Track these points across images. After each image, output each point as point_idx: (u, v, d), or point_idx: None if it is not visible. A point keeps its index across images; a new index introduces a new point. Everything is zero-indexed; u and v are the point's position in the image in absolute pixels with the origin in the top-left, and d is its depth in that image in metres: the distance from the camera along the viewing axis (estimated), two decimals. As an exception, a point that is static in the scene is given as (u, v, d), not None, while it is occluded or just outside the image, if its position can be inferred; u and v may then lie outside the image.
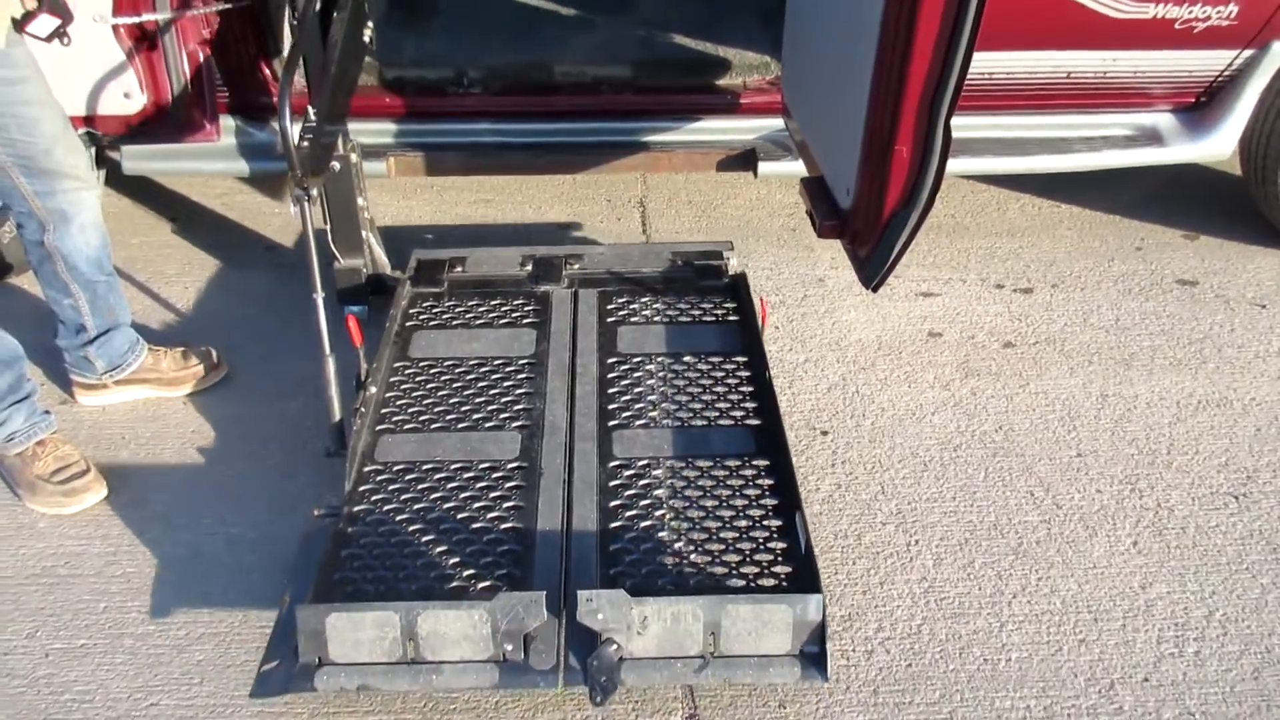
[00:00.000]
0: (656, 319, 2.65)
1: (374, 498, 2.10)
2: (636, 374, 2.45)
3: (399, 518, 2.06)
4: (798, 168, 2.91)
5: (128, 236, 3.31)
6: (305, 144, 2.13)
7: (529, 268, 2.81)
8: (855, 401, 2.70)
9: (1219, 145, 3.04)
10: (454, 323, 2.65)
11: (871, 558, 2.24)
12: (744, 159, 3.08)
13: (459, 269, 2.82)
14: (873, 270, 2.18)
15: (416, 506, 2.08)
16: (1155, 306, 3.07)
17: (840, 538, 2.29)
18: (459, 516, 2.06)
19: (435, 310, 2.70)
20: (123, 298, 2.55)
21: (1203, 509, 2.36)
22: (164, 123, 2.73)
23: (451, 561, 1.95)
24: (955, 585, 2.17)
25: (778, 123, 3.07)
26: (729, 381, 2.43)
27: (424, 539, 2.01)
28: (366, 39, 2.47)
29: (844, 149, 2.22)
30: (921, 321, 3.02)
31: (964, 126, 3.07)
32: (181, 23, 2.64)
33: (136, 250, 3.26)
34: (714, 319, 2.66)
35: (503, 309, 2.69)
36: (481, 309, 2.69)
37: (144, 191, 3.57)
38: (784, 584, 1.89)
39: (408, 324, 2.64)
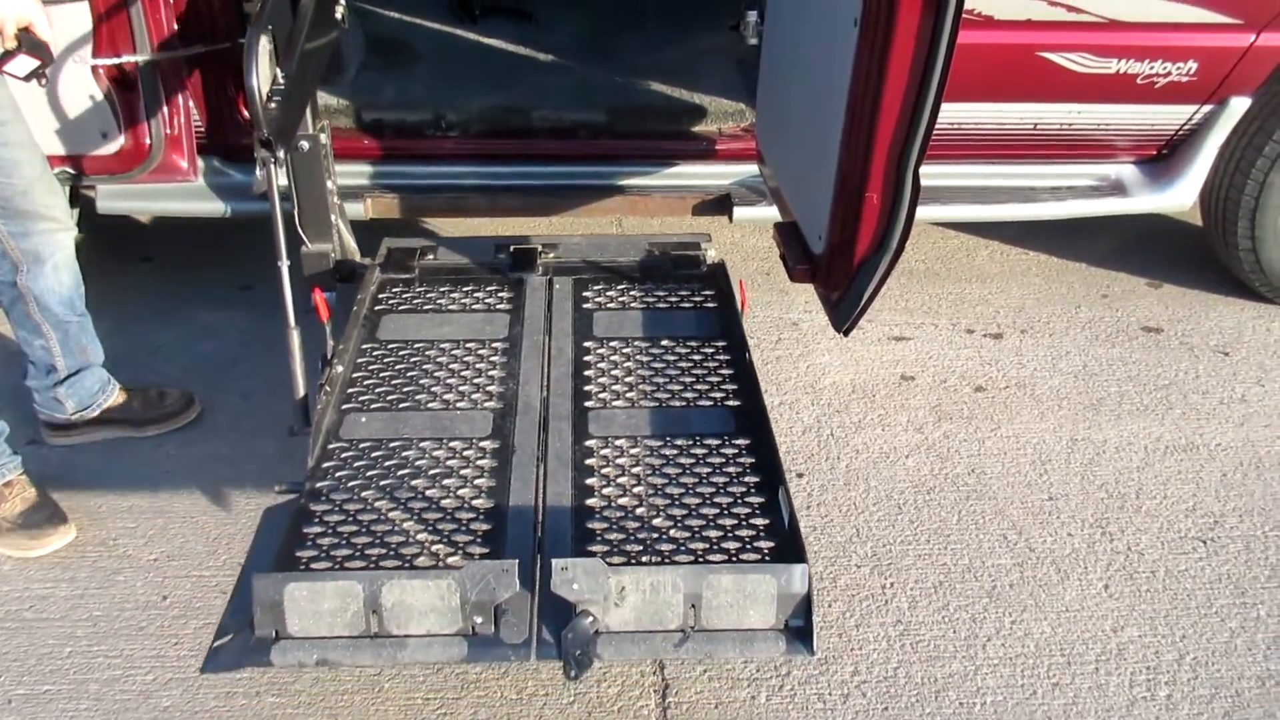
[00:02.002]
0: (634, 305, 2.61)
1: (339, 474, 2.03)
2: (613, 357, 2.40)
3: (364, 493, 1.98)
4: (772, 213, 2.95)
5: (101, 275, 3.27)
6: (273, 106, 2.09)
7: (503, 256, 2.79)
8: (830, 444, 2.72)
9: (1180, 196, 3.11)
10: (425, 307, 2.59)
11: (847, 600, 2.25)
12: (719, 203, 3.12)
13: (430, 257, 2.79)
14: (844, 314, 2.20)
15: (383, 482, 2.01)
16: (1122, 353, 3.13)
17: (816, 580, 2.30)
18: (428, 492, 1.99)
19: (405, 295, 2.64)
20: (95, 337, 2.53)
21: (1172, 553, 2.39)
22: (141, 163, 2.73)
23: (419, 536, 1.88)
24: (930, 628, 2.18)
25: (752, 168, 3.11)
26: (708, 364, 2.39)
27: (390, 514, 1.94)
28: (338, 16, 2.46)
29: (816, 195, 2.25)
30: (894, 365, 3.05)
31: (933, 175, 3.14)
32: (160, 64, 2.65)
33: (110, 289, 3.22)
34: (692, 305, 2.63)
35: (475, 294, 2.64)
36: (454, 294, 2.64)
37: (118, 230, 3.55)
38: (767, 559, 1.84)
39: (376, 308, 2.58)
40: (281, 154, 2.10)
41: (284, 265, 2.11)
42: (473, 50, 3.66)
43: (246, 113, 2.90)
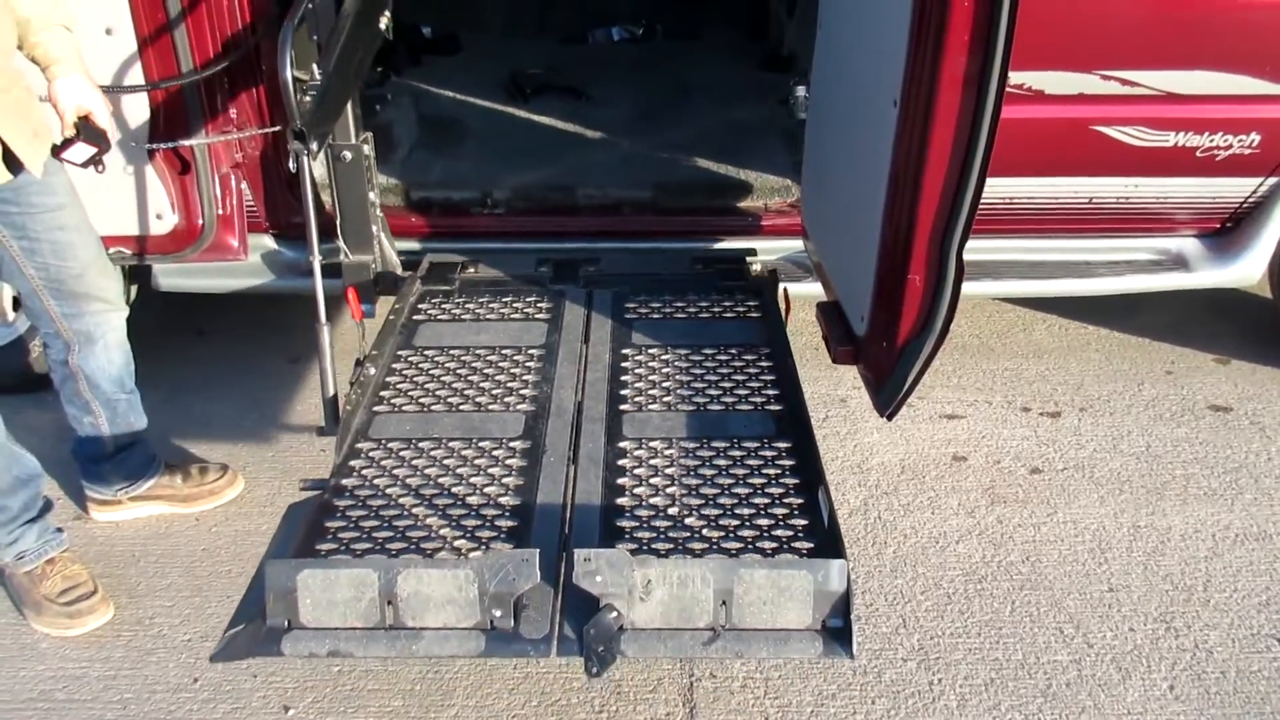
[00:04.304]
0: (676, 315, 2.60)
1: (364, 471, 2.01)
2: (652, 363, 2.37)
3: (389, 489, 1.96)
4: (819, 289, 2.90)
5: (155, 347, 3.34)
6: (307, 100, 2.11)
7: (544, 269, 2.80)
8: (877, 528, 2.63)
9: (1246, 270, 3.00)
10: (463, 316, 2.60)
11: (892, 697, 2.15)
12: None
13: (471, 270, 2.81)
14: (887, 398, 2.15)
15: (409, 480, 1.98)
16: (1188, 433, 2.99)
17: (859, 674, 2.20)
18: (454, 489, 1.95)
19: (444, 305, 2.64)
20: (142, 414, 2.57)
21: (1243, 652, 2.25)
22: (194, 242, 2.79)
23: (442, 531, 1.84)
24: (980, 730, 2.07)
25: (798, 244, 3.08)
26: (749, 370, 2.35)
27: (414, 509, 1.90)
28: (382, 26, 2.50)
29: (858, 276, 2.21)
30: (946, 445, 2.96)
31: (987, 249, 3.08)
32: (214, 146, 2.72)
33: (163, 361, 3.29)
34: (736, 315, 2.60)
35: (514, 305, 2.65)
36: (493, 304, 2.65)
37: (172, 303, 3.63)
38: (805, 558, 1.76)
39: (415, 317, 2.59)
40: (315, 147, 2.11)
41: (316, 261, 2.12)
42: (523, 128, 3.71)
43: (295, 195, 2.97)
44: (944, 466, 2.86)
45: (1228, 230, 3.07)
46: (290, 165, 2.12)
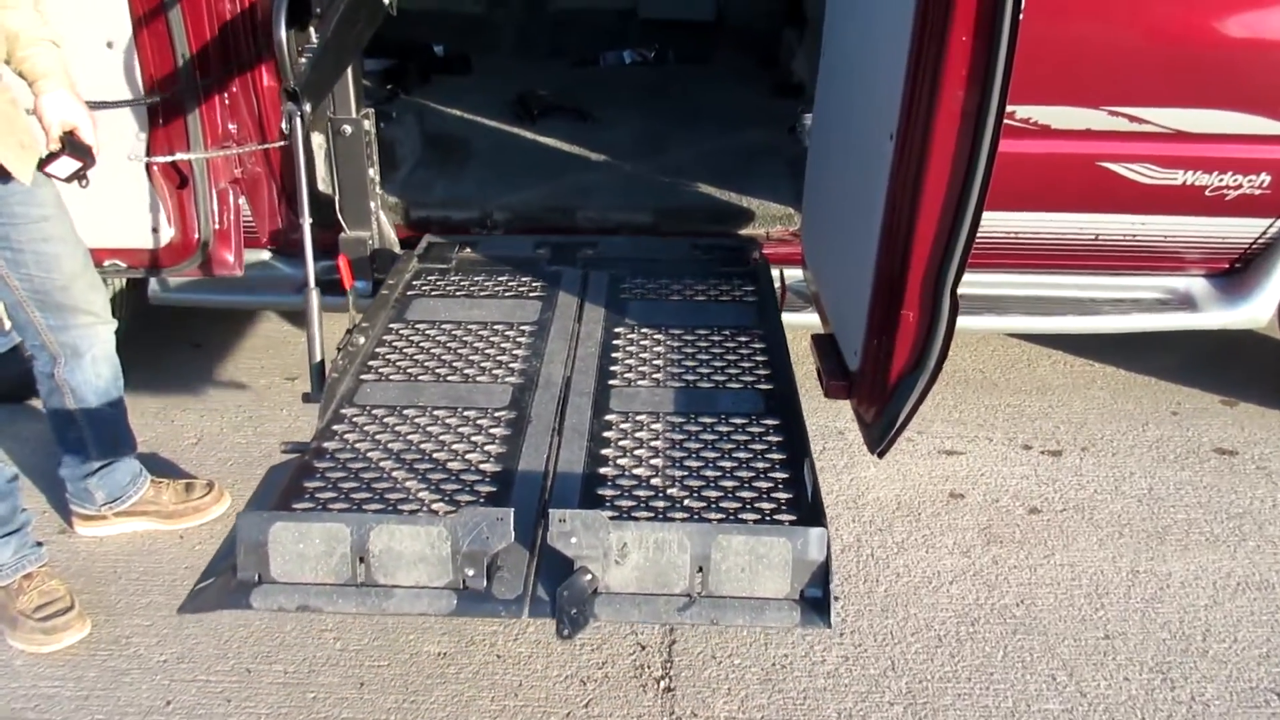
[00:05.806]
0: (672, 297, 2.61)
1: (347, 435, 2.01)
2: (644, 341, 2.37)
3: (370, 453, 1.95)
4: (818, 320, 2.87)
5: (150, 360, 3.34)
6: (303, 61, 2.12)
7: (542, 251, 2.82)
8: (869, 565, 2.58)
9: (1255, 312, 2.95)
10: (457, 293, 2.61)
11: (876, 743, 2.10)
12: (765, 308, 3.05)
13: (469, 250, 2.83)
14: (879, 435, 2.10)
15: (391, 445, 1.98)
16: (1191, 476, 2.93)
17: (844, 717, 2.15)
18: (435, 455, 1.95)
19: (439, 283, 2.66)
20: (129, 429, 2.55)
21: (1241, 706, 2.19)
22: (190, 256, 2.78)
23: (420, 494, 1.83)
24: (965, 780, 2.02)
25: (800, 273, 3.04)
26: (741, 351, 2.35)
27: (394, 473, 1.89)
28: (386, 1, 2.50)
29: (852, 309, 2.17)
30: (944, 481, 2.91)
31: (990, 284, 3.04)
32: (213, 161, 2.71)
33: (158, 375, 3.29)
34: (731, 299, 2.61)
35: (509, 283, 2.66)
36: (488, 283, 2.66)
37: (170, 317, 3.63)
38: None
39: (409, 293, 2.60)
40: (308, 108, 2.11)
41: (306, 223, 2.11)
42: (527, 149, 3.69)
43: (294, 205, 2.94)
44: (940, 504, 2.81)
45: (1237, 271, 3.02)
46: (283, 126, 2.12)
